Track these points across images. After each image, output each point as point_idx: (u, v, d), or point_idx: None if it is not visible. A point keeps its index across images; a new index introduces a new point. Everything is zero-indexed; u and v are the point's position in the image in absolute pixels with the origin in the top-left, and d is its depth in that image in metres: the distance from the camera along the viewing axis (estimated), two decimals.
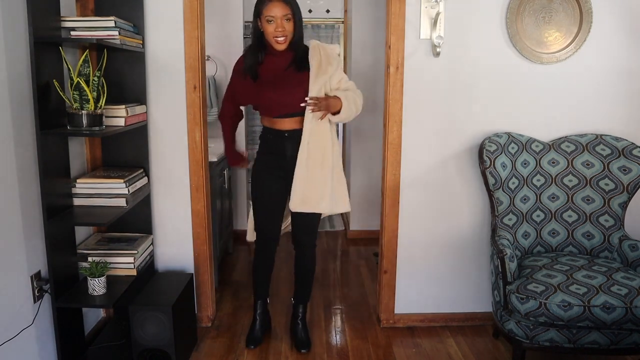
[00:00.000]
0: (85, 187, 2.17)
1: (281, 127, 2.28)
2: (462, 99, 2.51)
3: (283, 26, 2.13)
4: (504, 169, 2.34)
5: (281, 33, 2.14)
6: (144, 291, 2.33)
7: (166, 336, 2.18)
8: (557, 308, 2.00)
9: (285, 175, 2.33)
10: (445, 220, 2.63)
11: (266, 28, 2.15)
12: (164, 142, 2.52)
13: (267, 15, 2.11)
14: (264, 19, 2.13)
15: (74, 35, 2.06)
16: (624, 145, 2.39)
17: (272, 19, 2.12)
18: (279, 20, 2.12)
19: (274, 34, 2.14)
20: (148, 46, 2.43)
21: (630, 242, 2.31)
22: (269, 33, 2.15)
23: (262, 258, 2.51)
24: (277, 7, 2.11)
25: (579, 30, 2.45)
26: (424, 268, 2.67)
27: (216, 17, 3.77)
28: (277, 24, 2.12)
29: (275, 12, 2.11)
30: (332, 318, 2.83)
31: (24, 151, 1.90)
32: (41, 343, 2.03)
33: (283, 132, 2.28)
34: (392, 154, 2.54)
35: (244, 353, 2.46)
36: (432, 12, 2.41)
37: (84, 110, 1.95)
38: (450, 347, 2.52)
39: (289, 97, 2.21)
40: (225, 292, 3.12)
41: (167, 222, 2.59)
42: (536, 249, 2.46)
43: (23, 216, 1.90)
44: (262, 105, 2.28)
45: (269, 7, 2.11)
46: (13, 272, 1.87)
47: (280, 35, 2.14)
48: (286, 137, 2.28)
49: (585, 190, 2.43)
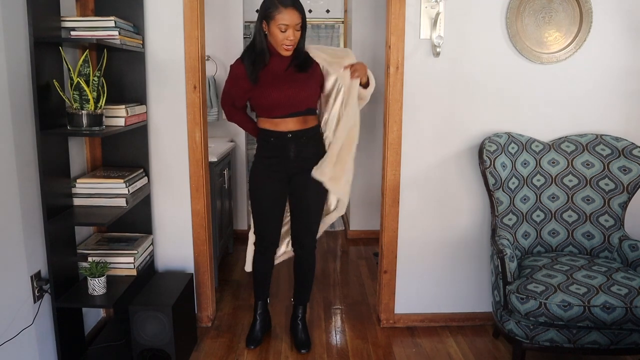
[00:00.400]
0: (85, 187, 2.17)
1: (285, 128, 2.25)
2: (462, 99, 2.51)
3: (295, 35, 2.12)
4: (504, 169, 2.34)
5: (291, 42, 2.13)
6: (144, 291, 2.33)
7: (166, 336, 2.18)
8: (557, 308, 2.00)
9: (288, 178, 2.32)
10: (445, 220, 2.63)
11: (276, 34, 2.11)
12: (164, 142, 2.52)
13: (281, 22, 2.08)
14: (276, 25, 2.09)
15: (74, 35, 2.06)
16: (624, 145, 2.39)
17: (285, 28, 2.09)
18: (291, 29, 2.10)
19: (283, 41, 2.12)
20: (148, 46, 2.43)
21: (630, 242, 2.31)
22: (278, 39, 2.12)
23: (262, 261, 2.51)
24: (293, 16, 2.08)
25: (579, 30, 2.45)
26: (424, 268, 2.67)
27: (216, 17, 3.77)
28: (289, 32, 2.10)
29: (290, 20, 2.08)
30: (332, 318, 2.83)
31: (24, 151, 1.90)
32: (41, 343, 2.03)
33: (286, 133, 2.26)
34: (392, 153, 2.54)
35: (244, 353, 2.46)
36: (432, 12, 2.41)
37: (84, 110, 1.95)
38: (450, 347, 2.52)
39: (293, 97, 2.20)
40: (225, 292, 3.12)
41: (167, 222, 2.59)
42: (536, 249, 2.46)
43: (23, 216, 1.90)
44: (266, 105, 2.24)
45: (284, 15, 2.07)
46: (13, 272, 1.87)
47: (290, 44, 2.13)
48: (290, 138, 2.26)
49: (585, 190, 2.43)
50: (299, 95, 2.21)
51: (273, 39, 2.15)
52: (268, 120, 2.29)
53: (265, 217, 2.40)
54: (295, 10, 2.09)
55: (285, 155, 2.29)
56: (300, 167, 2.30)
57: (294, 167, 2.30)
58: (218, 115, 3.97)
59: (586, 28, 2.45)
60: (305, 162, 2.30)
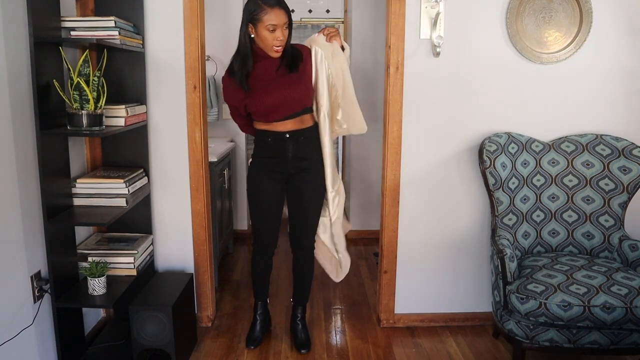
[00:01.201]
0: (85, 187, 2.17)
1: (283, 129, 2.24)
2: (462, 98, 2.51)
3: (283, 34, 2.10)
4: (504, 169, 2.34)
5: (280, 42, 2.11)
6: (144, 291, 2.33)
7: (166, 336, 2.18)
8: (557, 308, 2.00)
9: (285, 178, 2.32)
10: (445, 220, 2.63)
11: (264, 36, 2.09)
12: (164, 142, 2.52)
13: (269, 23, 2.06)
14: (264, 26, 2.07)
15: (74, 35, 2.06)
16: (624, 145, 2.39)
17: (274, 28, 2.07)
18: (279, 29, 2.08)
19: (273, 42, 2.10)
20: (148, 46, 2.43)
21: (630, 242, 2.31)
22: (267, 41, 2.10)
23: (261, 262, 2.51)
24: (280, 15, 2.07)
25: (579, 30, 2.45)
26: (424, 268, 2.67)
27: (216, 17, 3.77)
28: (278, 32, 2.08)
29: (278, 20, 2.06)
30: (332, 318, 2.83)
31: (24, 151, 1.90)
32: (41, 343, 2.03)
33: (284, 133, 2.24)
34: (392, 153, 2.54)
35: (244, 353, 2.46)
36: (432, 12, 2.41)
37: (84, 110, 1.95)
38: (450, 347, 2.52)
39: (289, 99, 2.18)
40: (225, 292, 3.12)
41: (167, 222, 2.59)
42: (536, 249, 2.46)
43: (23, 216, 1.90)
44: (262, 111, 2.22)
45: (271, 16, 2.06)
46: (13, 272, 1.87)
47: (280, 44, 2.11)
48: (287, 138, 2.25)
49: (585, 190, 2.43)
50: (293, 96, 2.19)
51: (262, 42, 2.12)
52: (265, 123, 2.27)
53: (264, 218, 2.40)
54: (281, 9, 2.08)
55: (283, 155, 2.28)
56: (298, 167, 2.30)
57: (292, 168, 2.30)
58: (218, 115, 3.97)
59: (586, 28, 2.45)
60: (303, 162, 2.29)
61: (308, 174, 2.32)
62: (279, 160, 2.29)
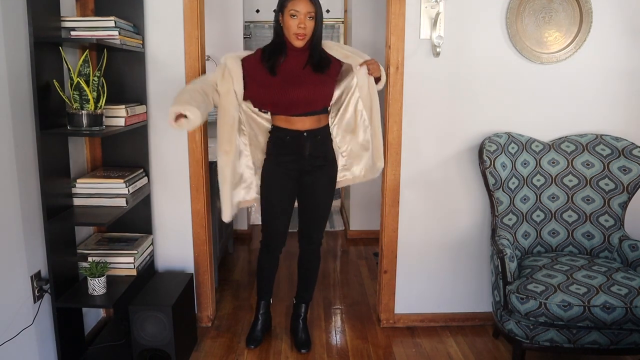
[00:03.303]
0: (85, 187, 2.17)
1: (301, 127, 2.26)
2: (462, 98, 2.51)
3: (305, 23, 2.13)
4: (504, 169, 2.34)
5: (303, 30, 2.13)
6: (144, 291, 2.33)
7: (166, 336, 2.18)
8: (557, 308, 2.00)
9: (299, 175, 2.33)
10: (445, 220, 2.63)
11: (288, 23, 2.13)
12: (164, 142, 2.52)
13: (292, 8, 2.11)
14: (288, 12, 2.12)
15: (74, 35, 2.06)
16: (624, 145, 2.39)
17: (296, 14, 2.11)
18: (302, 16, 2.11)
19: (295, 29, 2.13)
20: (148, 46, 2.43)
21: (630, 242, 2.31)
22: (290, 28, 2.14)
23: (269, 258, 2.50)
24: (303, 3, 2.11)
25: (579, 30, 2.45)
26: (424, 268, 2.67)
27: (216, 17, 3.77)
28: (299, 19, 2.11)
29: (300, 7, 2.10)
30: (332, 318, 2.83)
31: (24, 151, 1.90)
32: (41, 343, 2.03)
33: (302, 132, 2.26)
34: (392, 154, 2.54)
35: (244, 353, 2.46)
36: (432, 12, 2.41)
37: (84, 110, 1.95)
38: (450, 347, 2.52)
39: (314, 95, 2.21)
40: (225, 292, 3.12)
41: (167, 222, 2.59)
42: (536, 249, 2.46)
43: (23, 216, 1.90)
44: (285, 103, 2.22)
45: (295, 2, 2.11)
46: (13, 272, 1.87)
47: (301, 32, 2.13)
48: (305, 136, 2.27)
49: (585, 190, 2.43)
50: (316, 95, 2.22)
51: (286, 29, 2.16)
52: (285, 119, 2.27)
53: (277, 215, 2.39)
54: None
55: (301, 153, 2.29)
56: (312, 165, 2.32)
57: (308, 165, 2.31)
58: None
59: (586, 28, 2.45)
60: (317, 160, 2.32)
61: (322, 171, 2.35)
62: (296, 158, 2.30)
